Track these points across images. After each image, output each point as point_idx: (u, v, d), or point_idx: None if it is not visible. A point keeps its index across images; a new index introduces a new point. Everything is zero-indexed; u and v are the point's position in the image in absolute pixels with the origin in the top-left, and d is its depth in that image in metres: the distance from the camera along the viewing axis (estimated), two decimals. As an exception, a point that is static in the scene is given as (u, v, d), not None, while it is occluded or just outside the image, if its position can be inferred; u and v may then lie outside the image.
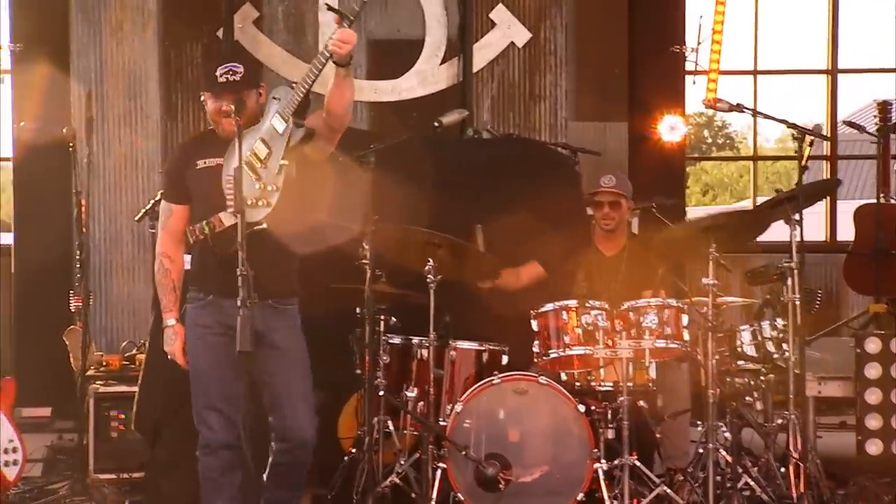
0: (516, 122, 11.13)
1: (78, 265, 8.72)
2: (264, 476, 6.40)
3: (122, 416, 8.03)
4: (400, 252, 7.59)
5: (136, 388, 7.89)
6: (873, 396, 8.33)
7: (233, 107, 5.99)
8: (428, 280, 7.39)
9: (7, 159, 11.35)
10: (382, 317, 7.54)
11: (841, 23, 12.24)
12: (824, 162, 13.23)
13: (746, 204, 23.38)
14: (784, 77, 14.36)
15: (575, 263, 8.18)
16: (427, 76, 11.06)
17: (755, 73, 12.31)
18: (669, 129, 10.73)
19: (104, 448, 8.04)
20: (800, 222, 7.51)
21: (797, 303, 7.46)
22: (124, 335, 10.27)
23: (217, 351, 6.22)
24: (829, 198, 11.92)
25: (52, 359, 9.91)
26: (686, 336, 7.53)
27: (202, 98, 6.40)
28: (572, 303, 7.56)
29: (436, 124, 7.61)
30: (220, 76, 6.23)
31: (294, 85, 6.13)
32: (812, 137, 7.67)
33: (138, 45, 10.84)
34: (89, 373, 8.44)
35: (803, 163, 7.54)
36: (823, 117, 12.38)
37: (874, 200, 10.72)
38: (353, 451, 7.66)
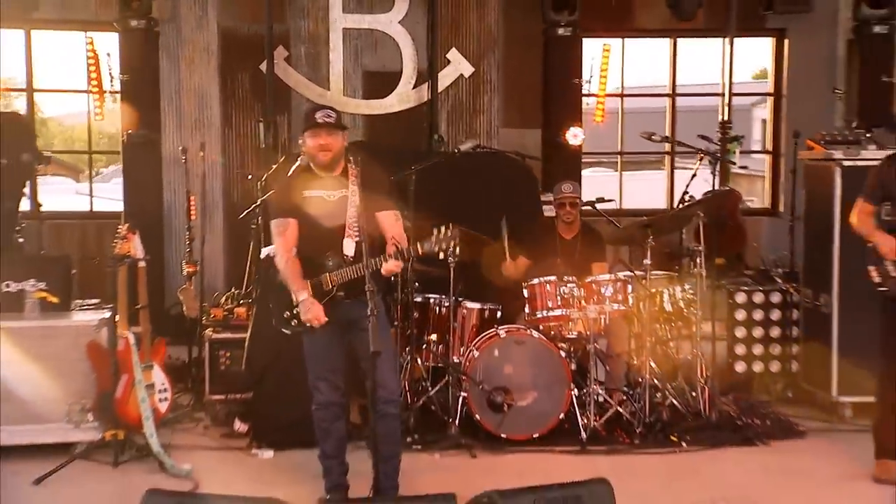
0: (464, 129, 10.90)
1: (188, 242, 8.30)
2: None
3: (228, 354, 7.54)
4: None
5: (238, 335, 7.49)
6: (740, 332, 8.38)
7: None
8: (449, 261, 6.85)
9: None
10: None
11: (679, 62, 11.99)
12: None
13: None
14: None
15: (544, 247, 7.75)
16: (404, 97, 10.86)
17: (622, 95, 11.96)
18: (573, 136, 10.44)
19: (216, 377, 7.56)
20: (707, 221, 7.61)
21: (703, 274, 7.41)
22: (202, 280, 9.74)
23: (323, 337, 5.54)
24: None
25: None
26: (630, 301, 7.26)
27: (300, 140, 5.66)
28: (552, 278, 7.25)
29: (456, 150, 7.41)
30: (319, 118, 5.53)
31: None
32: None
33: (205, 74, 10.63)
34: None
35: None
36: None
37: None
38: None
